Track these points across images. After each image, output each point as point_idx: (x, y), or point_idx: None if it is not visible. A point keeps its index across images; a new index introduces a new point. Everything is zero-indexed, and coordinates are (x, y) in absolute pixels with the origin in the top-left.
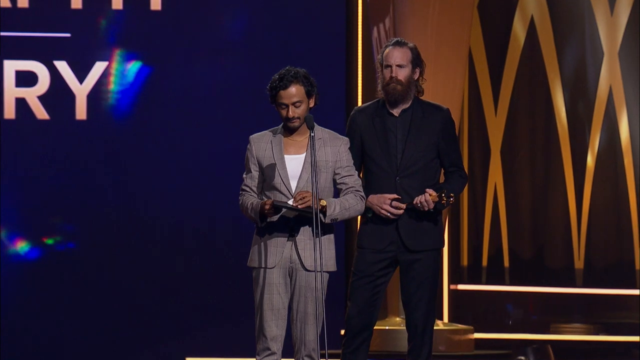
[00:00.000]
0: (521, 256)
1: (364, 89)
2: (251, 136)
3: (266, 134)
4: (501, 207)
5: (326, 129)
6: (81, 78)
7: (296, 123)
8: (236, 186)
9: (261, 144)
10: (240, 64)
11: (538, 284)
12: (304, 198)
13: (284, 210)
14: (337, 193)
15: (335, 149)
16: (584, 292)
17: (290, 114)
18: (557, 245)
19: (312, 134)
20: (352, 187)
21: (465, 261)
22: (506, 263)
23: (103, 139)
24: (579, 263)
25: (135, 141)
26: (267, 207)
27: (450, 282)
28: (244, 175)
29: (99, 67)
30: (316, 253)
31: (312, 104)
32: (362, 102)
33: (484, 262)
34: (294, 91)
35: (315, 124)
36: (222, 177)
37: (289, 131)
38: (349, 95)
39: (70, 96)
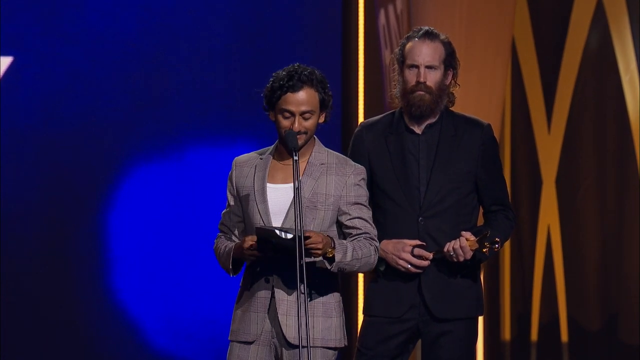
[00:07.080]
0: (586, 327)
1: (367, 96)
2: (236, 158)
3: (253, 157)
4: (557, 259)
5: (335, 153)
6: None
7: (302, 139)
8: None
9: (244, 168)
10: (206, 58)
11: None
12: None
13: (278, 236)
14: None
15: (342, 179)
16: None
17: (297, 126)
18: (634, 313)
19: (296, 157)
20: (364, 232)
21: (507, 334)
22: (564, 337)
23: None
24: None
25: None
26: (247, 245)
27: None
28: (223, 212)
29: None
30: (301, 324)
31: (322, 119)
32: (364, 113)
33: (533, 336)
34: (306, 97)
35: (321, 143)
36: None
37: (282, 152)
38: (346, 104)
39: None
